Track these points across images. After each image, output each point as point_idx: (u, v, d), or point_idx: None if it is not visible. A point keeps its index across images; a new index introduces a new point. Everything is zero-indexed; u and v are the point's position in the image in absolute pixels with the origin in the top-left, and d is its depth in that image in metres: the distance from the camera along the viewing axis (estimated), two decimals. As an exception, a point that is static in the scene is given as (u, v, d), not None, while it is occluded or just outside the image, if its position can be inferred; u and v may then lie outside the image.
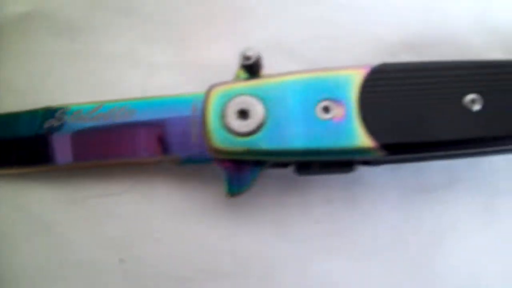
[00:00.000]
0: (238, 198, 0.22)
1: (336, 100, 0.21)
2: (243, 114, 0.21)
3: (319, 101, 0.21)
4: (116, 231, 0.24)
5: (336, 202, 0.24)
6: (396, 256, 0.23)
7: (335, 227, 0.23)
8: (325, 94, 0.21)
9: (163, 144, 0.23)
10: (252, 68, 0.22)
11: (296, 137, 0.21)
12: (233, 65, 0.22)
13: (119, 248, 0.24)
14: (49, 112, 0.24)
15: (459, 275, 0.23)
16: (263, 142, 0.21)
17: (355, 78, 0.21)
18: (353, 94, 0.21)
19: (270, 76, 0.22)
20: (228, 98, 0.21)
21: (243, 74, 0.22)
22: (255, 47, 0.21)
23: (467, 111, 0.21)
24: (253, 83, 0.22)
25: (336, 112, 0.21)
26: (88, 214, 0.24)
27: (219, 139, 0.21)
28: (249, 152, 0.21)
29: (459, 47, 0.25)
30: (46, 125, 0.24)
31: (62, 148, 0.24)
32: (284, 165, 0.23)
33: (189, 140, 0.23)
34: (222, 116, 0.21)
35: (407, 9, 0.25)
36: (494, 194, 0.24)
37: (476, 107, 0.21)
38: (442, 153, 0.22)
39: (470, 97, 0.21)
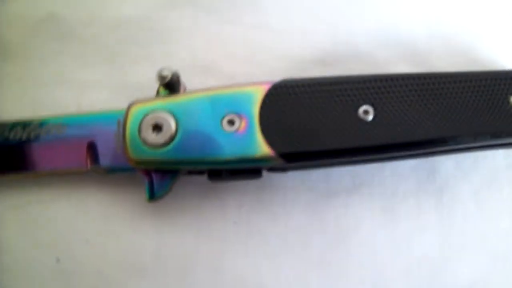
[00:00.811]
0: (161, 202, 0.25)
1: (240, 114, 0.23)
2: (157, 128, 0.23)
3: (225, 115, 0.23)
4: (53, 233, 0.26)
5: (249, 205, 0.26)
6: (304, 255, 0.25)
7: (249, 228, 0.26)
8: (230, 108, 0.23)
9: (92, 156, 0.25)
10: (170, 86, 0.24)
11: (204, 147, 0.23)
12: (154, 83, 0.24)
13: (55, 249, 0.26)
14: None
15: (362, 270, 0.25)
16: (175, 153, 0.23)
17: (257, 94, 0.23)
18: (254, 108, 0.23)
19: (185, 93, 0.25)
20: (144, 113, 0.24)
21: (163, 91, 0.25)
22: (170, 67, 0.24)
23: (361, 121, 0.23)
24: (168, 99, 0.24)
25: (240, 125, 0.23)
26: (27, 219, 0.26)
27: (136, 151, 0.23)
28: (163, 162, 0.23)
29: (366, 62, 0.27)
30: None
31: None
32: (199, 172, 0.25)
33: (114, 151, 0.25)
34: (139, 130, 0.23)
35: (316, 28, 0.28)
36: (393, 197, 0.26)
37: (369, 117, 0.23)
38: (337, 160, 0.24)
39: (363, 108, 0.23)
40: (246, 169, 0.24)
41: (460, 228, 0.26)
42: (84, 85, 0.28)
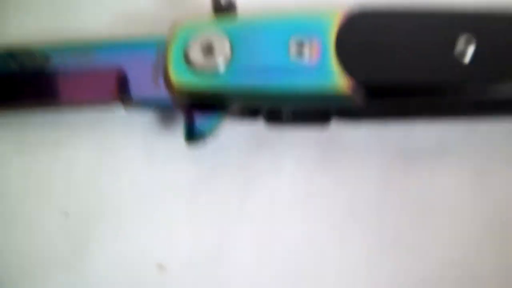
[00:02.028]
0: (200, 151, 0.20)
1: (311, 39, 0.19)
2: (208, 50, 0.19)
3: (292, 39, 0.19)
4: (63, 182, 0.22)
5: (309, 163, 0.21)
6: (375, 228, 0.20)
7: (307, 190, 0.21)
8: (299, 33, 0.19)
9: (120, 86, 0.21)
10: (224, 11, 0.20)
11: (265, 75, 0.19)
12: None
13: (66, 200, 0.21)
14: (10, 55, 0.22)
15: (447, 249, 0.20)
16: (228, 79, 0.19)
17: (333, 18, 0.19)
18: (330, 33, 0.19)
19: (242, 16, 0.20)
20: (193, 34, 0.20)
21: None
22: None
23: (457, 56, 0.18)
24: (222, 21, 0.20)
25: (311, 52, 0.19)
26: (34, 163, 0.22)
27: (180, 75, 0.19)
28: (212, 91, 0.19)
29: None
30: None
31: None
32: (252, 113, 0.21)
33: (149, 84, 0.21)
34: (185, 52, 0.19)
35: None
36: (487, 164, 0.21)
37: (466, 51, 0.18)
38: (423, 108, 0.20)
39: (461, 41, 0.18)
40: (313, 111, 0.20)
41: None
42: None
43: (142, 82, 0.21)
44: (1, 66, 0.22)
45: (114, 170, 0.22)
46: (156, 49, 0.21)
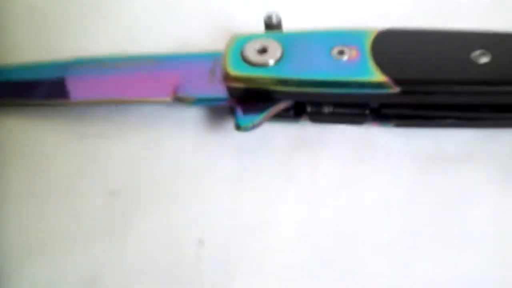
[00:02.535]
0: (247, 148, 0.23)
1: (350, 46, 0.22)
2: (262, 50, 0.22)
3: (335, 46, 0.22)
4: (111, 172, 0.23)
5: (345, 160, 0.23)
6: (407, 219, 0.21)
7: (342, 183, 0.22)
8: (341, 41, 0.22)
9: (179, 85, 0.24)
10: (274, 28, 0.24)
11: (310, 70, 0.22)
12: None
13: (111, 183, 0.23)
14: (79, 61, 0.26)
15: (479, 244, 0.21)
16: (278, 70, 0.22)
17: (370, 32, 0.23)
18: (367, 41, 0.22)
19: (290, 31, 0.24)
20: (249, 39, 0.23)
21: None
22: (278, 12, 0.24)
23: (475, 62, 0.21)
24: (274, 32, 0.24)
25: (350, 54, 0.22)
26: (91, 154, 0.24)
27: (236, 66, 0.22)
28: (263, 79, 0.22)
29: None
30: (72, 70, 0.26)
31: (81, 87, 0.25)
32: (297, 113, 0.23)
33: (206, 82, 0.24)
34: (242, 51, 0.23)
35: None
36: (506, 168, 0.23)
37: (480, 58, 0.21)
38: (449, 98, 0.22)
39: (477, 51, 0.21)
40: (350, 104, 0.23)
41: None
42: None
43: (199, 83, 0.24)
44: (83, 69, 0.26)
45: (163, 156, 0.23)
46: (213, 59, 0.24)
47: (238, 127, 0.22)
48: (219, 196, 0.22)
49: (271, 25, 0.24)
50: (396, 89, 0.21)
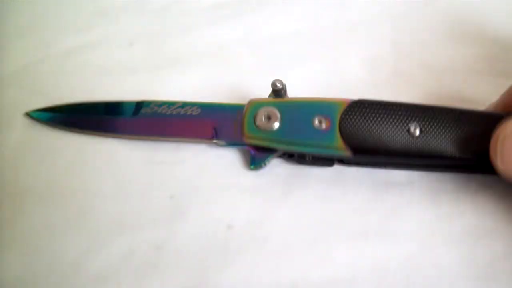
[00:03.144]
0: (259, 172, 0.35)
1: (326, 117, 0.32)
2: (268, 117, 0.33)
3: (315, 116, 0.32)
4: (171, 184, 0.36)
5: (326, 185, 0.35)
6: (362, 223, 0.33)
7: (324, 202, 0.34)
8: (320, 112, 0.32)
9: (215, 132, 0.36)
10: (278, 93, 0.35)
11: (298, 136, 0.33)
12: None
13: (171, 191, 0.35)
14: (145, 104, 0.37)
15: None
16: (277, 135, 0.33)
17: (341, 105, 0.32)
18: (337, 115, 0.32)
19: (288, 98, 0.35)
20: (259, 107, 0.34)
21: (272, 95, 0.35)
22: (282, 80, 0.34)
23: (411, 135, 0.31)
24: (276, 100, 0.34)
25: (325, 124, 0.32)
26: (158, 173, 0.36)
27: (250, 130, 0.34)
28: (267, 140, 0.34)
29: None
30: (142, 111, 0.37)
31: (149, 126, 0.37)
32: (290, 156, 0.35)
33: (232, 131, 0.35)
34: (254, 117, 0.34)
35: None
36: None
37: (415, 133, 0.31)
38: (391, 161, 0.34)
39: (412, 126, 0.31)
40: (323, 157, 0.34)
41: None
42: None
43: (229, 131, 0.36)
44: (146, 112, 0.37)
45: (206, 176, 0.36)
46: (237, 110, 0.35)
47: (252, 167, 0.35)
48: (239, 197, 0.35)
49: (277, 90, 0.34)
50: (351, 153, 0.32)
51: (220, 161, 0.37)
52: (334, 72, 0.41)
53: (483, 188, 0.34)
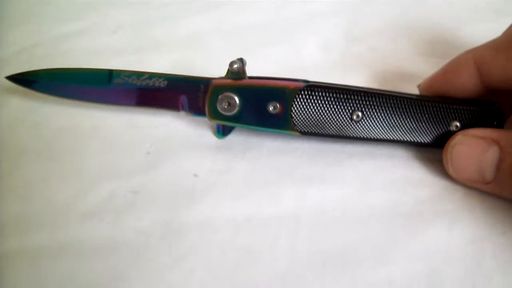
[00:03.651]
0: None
1: (280, 102, 0.36)
2: (228, 104, 0.37)
3: (270, 102, 0.36)
4: (147, 143, 0.41)
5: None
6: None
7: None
8: (274, 98, 0.36)
9: (182, 104, 0.40)
10: (236, 74, 0.37)
11: (255, 119, 0.37)
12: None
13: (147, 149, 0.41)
14: (115, 74, 0.41)
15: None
16: (237, 119, 0.37)
17: (293, 91, 0.35)
18: (290, 100, 0.36)
19: (247, 80, 0.37)
20: (220, 91, 0.37)
21: (229, 74, 0.37)
22: (240, 60, 0.36)
23: (353, 120, 0.36)
24: (235, 84, 0.37)
25: (279, 109, 0.36)
26: (136, 134, 0.41)
27: (214, 114, 0.38)
28: (229, 121, 0.38)
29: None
30: (114, 81, 0.41)
31: (122, 96, 0.41)
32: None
33: (197, 103, 0.40)
34: (216, 103, 0.37)
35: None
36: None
37: (357, 119, 0.36)
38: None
39: (355, 113, 0.36)
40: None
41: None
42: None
43: (194, 103, 0.40)
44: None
45: (178, 136, 0.42)
46: (200, 84, 0.39)
47: (218, 137, 0.41)
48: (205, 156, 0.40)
49: (234, 71, 0.36)
50: (300, 135, 0.37)
51: (191, 125, 0.42)
52: (293, 55, 0.47)
53: (413, 149, 0.39)
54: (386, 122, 0.36)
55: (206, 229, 0.35)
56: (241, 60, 0.37)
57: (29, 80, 0.42)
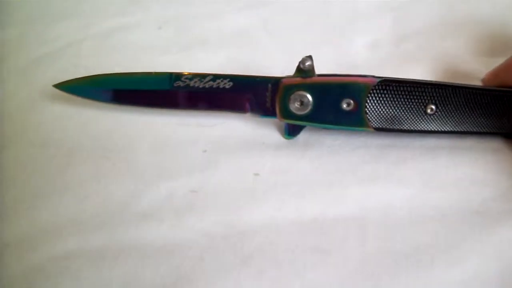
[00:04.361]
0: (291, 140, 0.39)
1: (354, 99, 0.35)
2: (301, 103, 0.35)
3: (343, 99, 0.35)
4: (203, 141, 0.39)
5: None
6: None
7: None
8: (347, 95, 0.35)
9: (249, 105, 0.38)
10: (307, 73, 0.36)
11: (327, 118, 0.36)
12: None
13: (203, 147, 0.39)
14: (178, 77, 0.38)
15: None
16: (309, 119, 0.36)
17: (366, 87, 0.34)
18: (363, 97, 0.35)
19: (318, 77, 0.35)
20: (292, 90, 0.35)
21: (299, 73, 0.35)
22: (310, 58, 0.35)
23: (427, 114, 0.35)
24: (306, 81, 0.35)
25: (353, 106, 0.35)
26: (191, 133, 0.40)
27: (285, 115, 0.36)
28: (301, 121, 0.36)
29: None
30: (175, 84, 0.38)
31: (184, 100, 0.39)
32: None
33: (265, 104, 0.37)
34: (288, 102, 0.36)
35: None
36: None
37: (432, 112, 0.35)
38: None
39: (429, 106, 0.35)
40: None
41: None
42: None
43: (262, 104, 0.37)
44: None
45: (236, 134, 0.40)
46: (268, 84, 0.37)
47: (286, 137, 0.39)
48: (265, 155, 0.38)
49: (306, 68, 0.35)
50: (374, 131, 0.36)
51: (247, 124, 0.41)
52: (342, 54, 0.46)
53: (476, 144, 0.38)
54: (459, 114, 0.36)
55: (271, 230, 0.34)
56: (310, 58, 0.35)
57: (77, 87, 0.40)
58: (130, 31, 0.49)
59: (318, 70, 0.36)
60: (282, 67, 0.37)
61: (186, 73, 0.38)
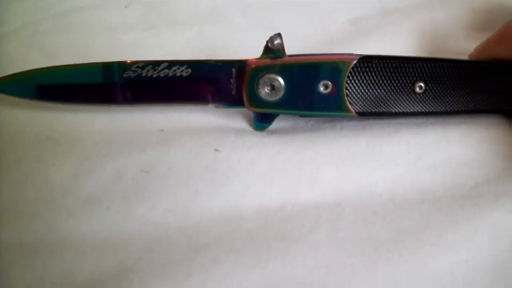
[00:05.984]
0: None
1: (332, 80, 0.30)
2: (272, 87, 0.31)
3: (320, 80, 0.31)
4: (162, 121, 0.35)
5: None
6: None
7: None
8: (325, 76, 0.30)
9: (212, 95, 0.33)
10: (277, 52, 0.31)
11: (304, 104, 0.31)
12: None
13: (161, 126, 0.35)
14: (127, 66, 0.32)
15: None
16: (282, 105, 0.31)
17: (346, 65, 0.30)
18: (343, 77, 0.30)
19: (289, 58, 0.31)
20: (260, 74, 0.31)
21: (267, 53, 0.31)
22: (279, 36, 0.30)
23: (415, 93, 0.31)
24: (277, 63, 0.31)
25: (331, 89, 0.31)
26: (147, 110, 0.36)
27: (254, 102, 0.32)
28: (273, 108, 0.32)
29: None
30: (125, 75, 0.32)
31: (134, 94, 0.33)
32: None
33: (230, 92, 0.32)
34: (257, 87, 0.31)
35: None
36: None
37: (420, 91, 0.31)
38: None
39: (418, 84, 0.31)
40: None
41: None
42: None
43: (227, 93, 0.32)
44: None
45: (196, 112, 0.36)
46: (232, 69, 0.32)
47: (257, 129, 0.34)
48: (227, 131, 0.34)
49: (274, 48, 0.30)
50: (358, 116, 0.32)
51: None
52: (322, 30, 0.42)
53: (469, 118, 0.34)
54: (452, 91, 0.32)
55: (233, 219, 0.30)
56: (279, 35, 0.31)
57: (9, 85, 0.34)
58: (93, 11, 0.45)
59: (297, 49, 0.32)
60: (260, 48, 0.32)
61: (136, 62, 0.32)
